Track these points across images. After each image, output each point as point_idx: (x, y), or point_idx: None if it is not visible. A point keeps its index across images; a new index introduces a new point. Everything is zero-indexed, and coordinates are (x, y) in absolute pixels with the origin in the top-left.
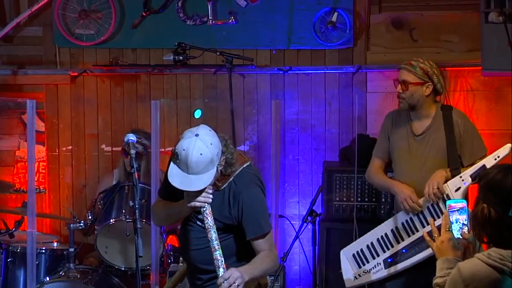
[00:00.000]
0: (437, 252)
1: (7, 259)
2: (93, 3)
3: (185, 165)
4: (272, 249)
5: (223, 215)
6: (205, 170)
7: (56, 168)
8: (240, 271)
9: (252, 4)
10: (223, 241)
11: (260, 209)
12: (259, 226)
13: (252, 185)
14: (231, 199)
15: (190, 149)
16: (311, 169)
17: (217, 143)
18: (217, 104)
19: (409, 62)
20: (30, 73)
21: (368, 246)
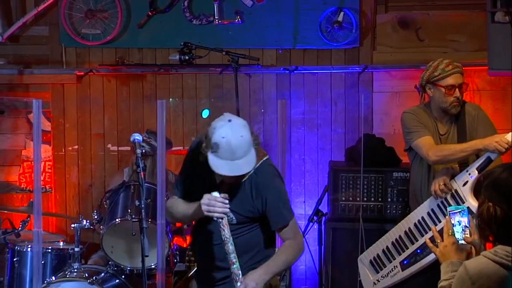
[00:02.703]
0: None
1: (13, 259)
2: (99, 2)
3: (230, 151)
4: (296, 236)
5: (245, 209)
6: (248, 151)
7: (62, 167)
8: (256, 281)
9: (258, 3)
10: (249, 233)
11: (282, 200)
12: (283, 217)
13: (274, 177)
14: (253, 192)
15: (229, 135)
16: (317, 169)
17: (247, 124)
18: (223, 103)
19: (456, 64)
20: (36, 72)
21: (383, 251)
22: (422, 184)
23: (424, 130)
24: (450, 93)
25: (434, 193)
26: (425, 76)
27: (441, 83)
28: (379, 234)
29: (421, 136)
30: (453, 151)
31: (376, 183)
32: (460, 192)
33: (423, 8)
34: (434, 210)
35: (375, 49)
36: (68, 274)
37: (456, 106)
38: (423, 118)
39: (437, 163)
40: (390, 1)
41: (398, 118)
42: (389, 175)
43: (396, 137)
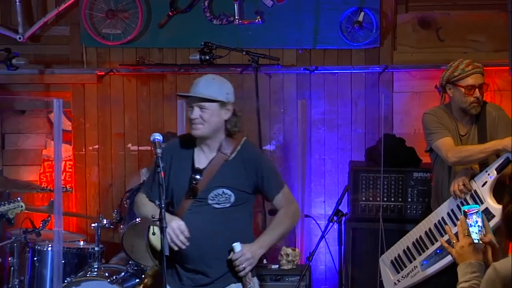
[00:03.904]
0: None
1: (34, 258)
2: (120, 2)
3: (196, 83)
4: (290, 203)
5: (241, 183)
6: (210, 93)
7: (83, 167)
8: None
9: (279, 3)
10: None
11: (273, 169)
12: (277, 183)
13: (260, 151)
14: (247, 166)
15: (206, 75)
16: (337, 169)
17: (232, 89)
18: (243, 103)
19: (476, 65)
20: (57, 72)
21: (404, 251)
22: (443, 185)
23: (444, 131)
24: (470, 93)
25: (453, 193)
26: (445, 76)
27: (461, 83)
28: (399, 234)
29: (441, 137)
30: (472, 152)
31: (396, 183)
32: (479, 192)
33: (443, 8)
34: (454, 211)
35: (395, 49)
36: (88, 273)
37: (476, 107)
38: (443, 119)
39: (456, 164)
40: (410, 1)
41: (418, 118)
42: (409, 175)
43: (417, 137)
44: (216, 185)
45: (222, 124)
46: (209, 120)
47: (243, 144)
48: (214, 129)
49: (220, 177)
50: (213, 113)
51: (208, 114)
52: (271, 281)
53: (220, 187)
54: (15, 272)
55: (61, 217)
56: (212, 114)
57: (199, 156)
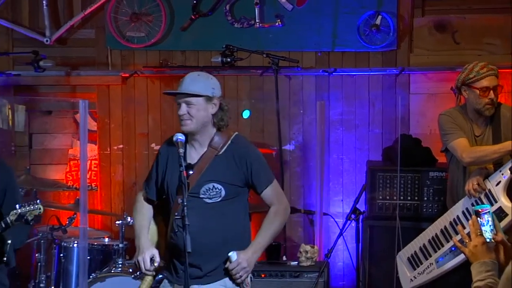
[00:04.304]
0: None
1: (60, 254)
2: (144, 6)
3: (182, 81)
4: (280, 199)
5: (232, 177)
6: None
7: (108, 166)
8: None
9: (298, 7)
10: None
11: (263, 163)
12: (266, 177)
13: (251, 145)
14: (237, 160)
15: (192, 72)
16: (355, 168)
17: (217, 84)
18: (263, 104)
19: (490, 67)
20: (82, 74)
21: (420, 248)
22: (458, 184)
23: (459, 132)
24: (485, 95)
25: (467, 192)
26: (460, 78)
27: (476, 85)
28: (415, 232)
29: (456, 138)
30: (486, 153)
31: (413, 182)
32: (493, 191)
33: (459, 12)
34: (468, 209)
35: (412, 51)
36: (113, 269)
37: (490, 108)
38: (458, 120)
39: (470, 164)
40: (427, 5)
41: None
42: (425, 175)
43: (433, 138)
44: (207, 180)
45: (209, 118)
46: (196, 115)
47: (233, 139)
48: (202, 123)
49: (211, 172)
50: (200, 108)
51: (195, 110)
52: (290, 278)
53: (211, 182)
54: (42, 268)
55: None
56: (198, 109)
57: (190, 151)
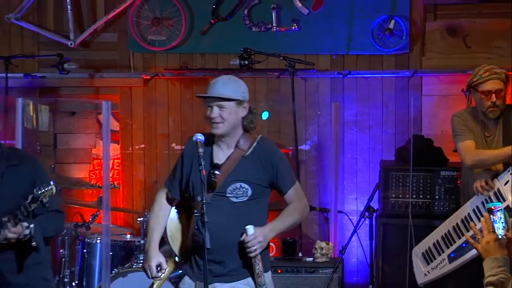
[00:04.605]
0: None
1: (84, 250)
2: (165, 11)
3: (213, 84)
4: (301, 199)
5: (258, 178)
6: (229, 93)
7: (130, 165)
8: (264, 236)
9: (314, 12)
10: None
11: (287, 165)
12: (291, 179)
13: (276, 147)
14: (263, 161)
15: (222, 76)
16: (369, 168)
17: (247, 88)
18: (280, 106)
19: (494, 71)
20: (105, 76)
21: (434, 244)
22: (470, 183)
23: (468, 134)
24: (487, 98)
25: (475, 190)
26: (468, 81)
27: (479, 88)
28: (427, 230)
29: (464, 140)
30: (489, 157)
31: (425, 182)
32: (501, 190)
33: (470, 16)
34: (479, 207)
35: (424, 55)
36: (134, 265)
37: (493, 111)
38: (469, 121)
39: (472, 167)
40: (438, 10)
41: (446, 120)
42: (437, 174)
43: (444, 138)
44: (234, 179)
45: (239, 121)
46: (228, 118)
47: (259, 140)
48: (233, 126)
49: (238, 172)
50: (231, 111)
51: (227, 113)
52: (305, 273)
53: (238, 181)
54: (66, 263)
55: (109, 212)
56: (230, 113)
57: (217, 152)
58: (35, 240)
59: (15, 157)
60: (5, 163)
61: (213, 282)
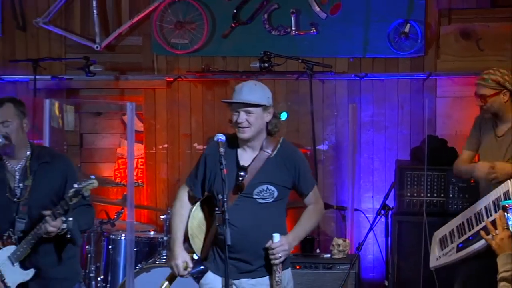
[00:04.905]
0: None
1: (109, 246)
2: (188, 15)
3: (240, 89)
4: (318, 201)
5: (283, 179)
6: (255, 99)
7: (153, 164)
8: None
9: (332, 16)
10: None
11: (308, 168)
12: (311, 181)
13: (298, 150)
14: (286, 163)
15: (247, 82)
16: (384, 167)
17: (270, 93)
18: (298, 107)
19: (481, 77)
20: (130, 78)
21: (450, 232)
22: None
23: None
24: (478, 101)
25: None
26: None
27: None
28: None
29: (465, 148)
30: (461, 170)
31: (439, 180)
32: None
33: (483, 20)
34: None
35: (438, 57)
36: (158, 261)
37: (484, 113)
38: (483, 123)
39: (456, 176)
40: (453, 14)
41: (459, 121)
42: (450, 173)
43: (458, 138)
44: (260, 181)
45: (264, 125)
46: (254, 123)
47: (282, 143)
48: (258, 131)
49: (264, 174)
50: (258, 116)
51: (254, 118)
52: (323, 269)
53: (265, 183)
54: (92, 259)
55: (133, 210)
56: (257, 118)
57: (242, 155)
58: (71, 233)
59: (46, 154)
60: (37, 161)
61: (240, 278)
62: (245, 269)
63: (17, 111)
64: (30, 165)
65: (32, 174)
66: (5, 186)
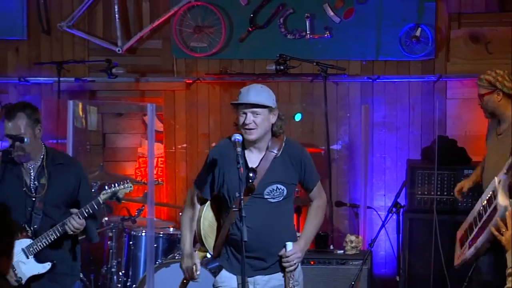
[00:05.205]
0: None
1: (130, 242)
2: (206, 19)
3: (247, 93)
4: (321, 194)
5: (290, 177)
6: (263, 100)
7: (173, 163)
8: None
9: (345, 20)
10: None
11: (313, 162)
12: (316, 176)
13: (301, 145)
14: (292, 160)
15: (253, 84)
16: (396, 166)
17: (275, 96)
18: (313, 108)
19: (479, 77)
20: (150, 80)
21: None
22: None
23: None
24: (478, 101)
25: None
26: None
27: None
28: (450, 225)
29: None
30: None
31: (449, 179)
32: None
33: (492, 24)
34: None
35: (449, 60)
36: (177, 256)
37: (484, 112)
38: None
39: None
40: (462, 18)
41: (469, 121)
42: (460, 172)
43: (467, 139)
44: (270, 181)
45: (270, 127)
46: (260, 124)
47: (286, 141)
48: (264, 132)
49: (273, 174)
50: (264, 117)
51: (260, 119)
52: (337, 265)
53: (274, 183)
54: (113, 254)
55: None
56: (263, 119)
57: (250, 156)
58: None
59: (60, 157)
60: (52, 162)
61: (255, 275)
62: (260, 267)
63: (29, 121)
64: (46, 165)
65: (48, 173)
66: (21, 181)
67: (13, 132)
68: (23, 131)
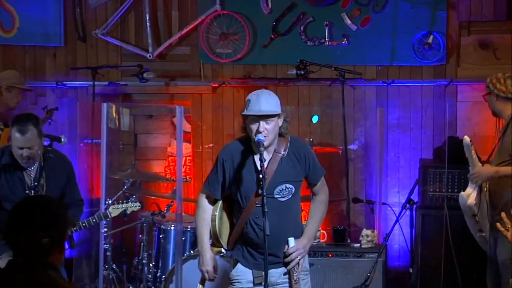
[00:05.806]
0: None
1: (160, 236)
2: (231, 27)
3: (257, 102)
4: (324, 188)
5: (298, 174)
6: (274, 108)
7: (200, 162)
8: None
9: (362, 28)
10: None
11: (316, 158)
12: (321, 170)
13: (306, 142)
14: (298, 157)
15: (260, 92)
16: (409, 165)
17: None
18: (331, 110)
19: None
20: (179, 84)
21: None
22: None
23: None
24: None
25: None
26: None
27: None
28: (461, 220)
29: None
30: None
31: (459, 177)
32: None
33: (499, 32)
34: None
35: (459, 66)
36: None
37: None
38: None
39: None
40: (472, 26)
41: (478, 123)
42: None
43: (477, 139)
44: (279, 181)
45: (278, 130)
46: (272, 131)
47: (291, 140)
48: (275, 136)
49: (281, 174)
50: (275, 124)
51: (272, 126)
52: (353, 257)
53: (284, 183)
54: (144, 247)
55: (182, 203)
56: (274, 125)
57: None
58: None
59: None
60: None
61: (269, 269)
62: (273, 261)
63: (38, 132)
64: (44, 166)
65: (46, 175)
66: (24, 184)
67: (27, 145)
68: (34, 143)
